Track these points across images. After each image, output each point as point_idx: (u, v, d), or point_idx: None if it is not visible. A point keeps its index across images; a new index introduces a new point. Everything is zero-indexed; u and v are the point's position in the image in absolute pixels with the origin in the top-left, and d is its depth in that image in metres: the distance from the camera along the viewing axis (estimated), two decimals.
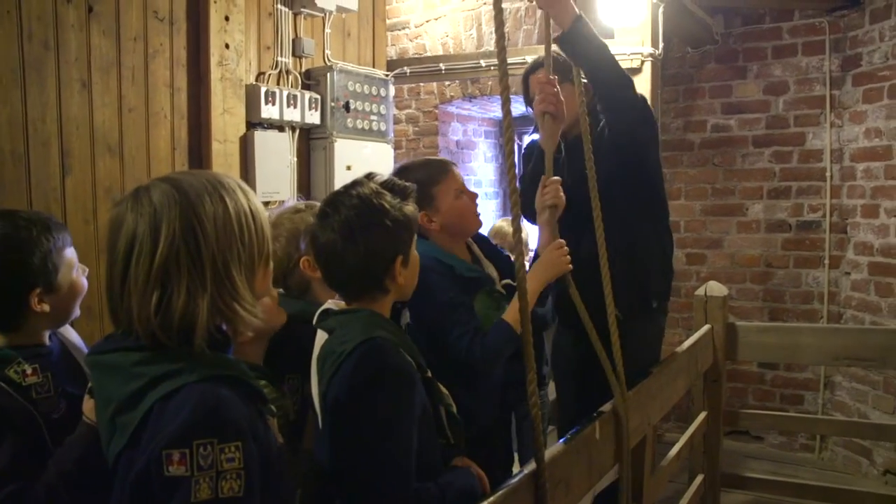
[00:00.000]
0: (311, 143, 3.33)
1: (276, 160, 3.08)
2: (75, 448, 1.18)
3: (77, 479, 1.17)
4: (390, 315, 1.42)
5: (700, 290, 2.81)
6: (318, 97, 3.23)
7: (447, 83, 4.61)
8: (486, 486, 1.40)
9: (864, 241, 3.82)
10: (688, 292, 4.11)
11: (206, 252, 0.98)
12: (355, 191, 1.34)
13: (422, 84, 4.70)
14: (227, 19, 2.85)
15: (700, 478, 2.72)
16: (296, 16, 3.24)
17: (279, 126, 3.13)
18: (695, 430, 2.59)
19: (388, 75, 3.70)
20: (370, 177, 1.39)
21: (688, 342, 2.52)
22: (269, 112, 3.00)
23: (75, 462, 1.17)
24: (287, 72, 3.19)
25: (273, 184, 3.06)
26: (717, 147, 4.29)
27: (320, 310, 1.41)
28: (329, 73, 3.26)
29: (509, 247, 2.71)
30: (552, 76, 1.88)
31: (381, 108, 3.52)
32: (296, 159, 3.21)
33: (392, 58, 4.58)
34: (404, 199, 1.37)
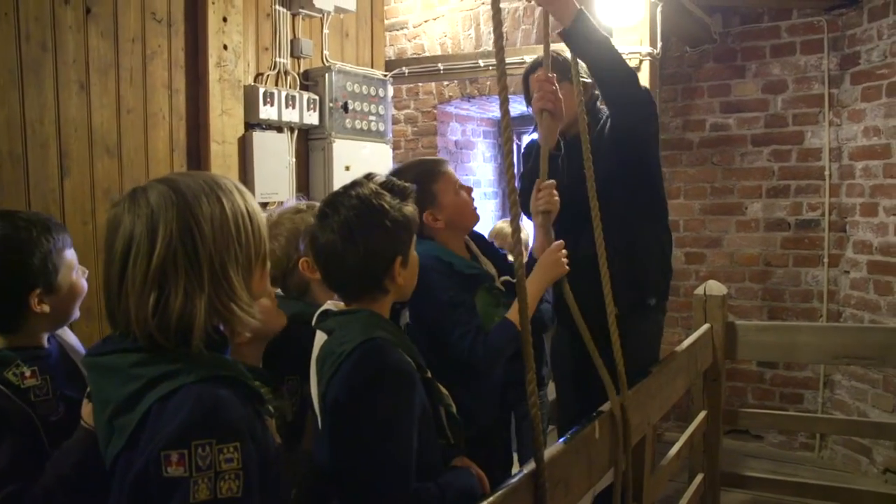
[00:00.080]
0: (310, 144, 3.33)
1: (275, 161, 3.08)
2: (73, 452, 1.18)
3: (75, 483, 1.16)
4: (390, 315, 1.42)
5: (699, 290, 2.81)
6: (317, 98, 3.23)
7: (445, 83, 4.61)
8: (486, 486, 1.39)
9: (863, 239, 3.82)
10: (687, 291, 4.10)
11: (203, 253, 0.98)
12: (355, 191, 1.34)
13: (420, 84, 4.69)
14: (224, 20, 2.85)
15: (700, 477, 2.71)
16: (294, 16, 3.23)
17: (278, 127, 3.12)
18: (694, 430, 2.59)
19: (386, 75, 3.70)
20: (369, 177, 1.39)
21: (687, 341, 2.51)
22: (267, 113, 3.00)
23: (73, 466, 1.17)
24: (285, 72, 3.19)
25: (272, 185, 3.06)
26: (716, 146, 4.28)
27: (319, 311, 1.41)
28: (327, 74, 3.26)
29: (510, 248, 2.70)
30: (551, 74, 1.88)
31: (380, 108, 3.52)
32: (294, 160, 3.21)
33: (390, 58, 4.58)
34: (404, 199, 1.37)
